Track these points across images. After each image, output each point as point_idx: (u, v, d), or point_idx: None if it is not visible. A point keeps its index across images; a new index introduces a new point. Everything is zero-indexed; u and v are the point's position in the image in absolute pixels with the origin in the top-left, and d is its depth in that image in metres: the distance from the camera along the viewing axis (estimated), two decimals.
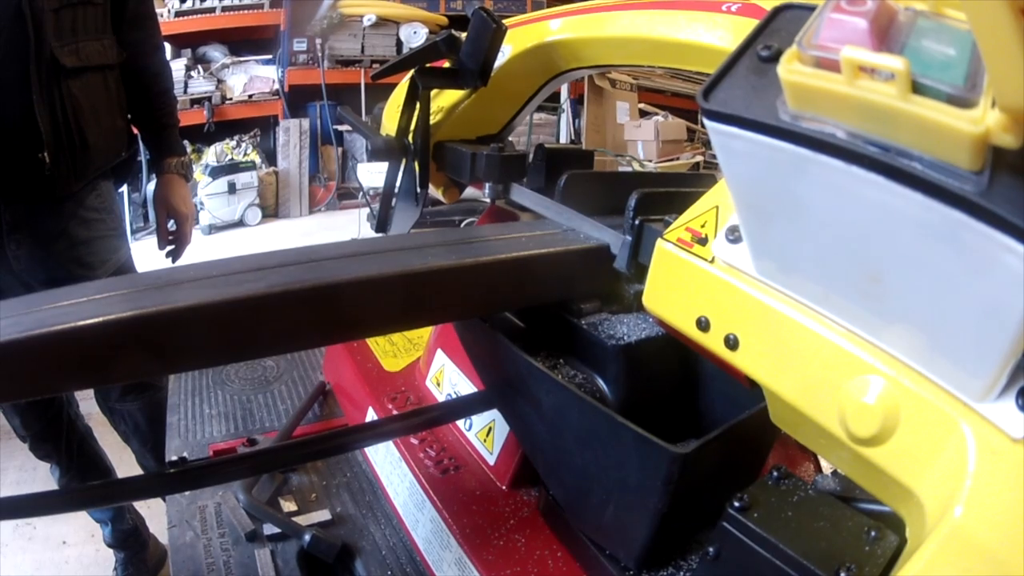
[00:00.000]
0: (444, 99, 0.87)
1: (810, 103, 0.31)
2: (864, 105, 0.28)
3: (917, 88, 0.27)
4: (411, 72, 0.79)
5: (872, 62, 0.27)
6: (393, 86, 0.96)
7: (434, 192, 0.90)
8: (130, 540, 1.52)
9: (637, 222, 0.56)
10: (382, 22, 4.25)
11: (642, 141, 3.95)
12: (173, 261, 1.43)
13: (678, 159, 3.85)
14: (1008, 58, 0.23)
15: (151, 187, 1.92)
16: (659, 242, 0.47)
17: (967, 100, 0.26)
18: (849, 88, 0.28)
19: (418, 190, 0.83)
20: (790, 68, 0.30)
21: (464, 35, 0.78)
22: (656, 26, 0.71)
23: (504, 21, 0.78)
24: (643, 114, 4.35)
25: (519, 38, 0.86)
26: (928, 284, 0.31)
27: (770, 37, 0.37)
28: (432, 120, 0.84)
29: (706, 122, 0.35)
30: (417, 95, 0.80)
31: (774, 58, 0.32)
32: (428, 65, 0.79)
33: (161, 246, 1.42)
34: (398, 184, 0.86)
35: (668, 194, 0.58)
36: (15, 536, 1.71)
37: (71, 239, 1.22)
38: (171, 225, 1.40)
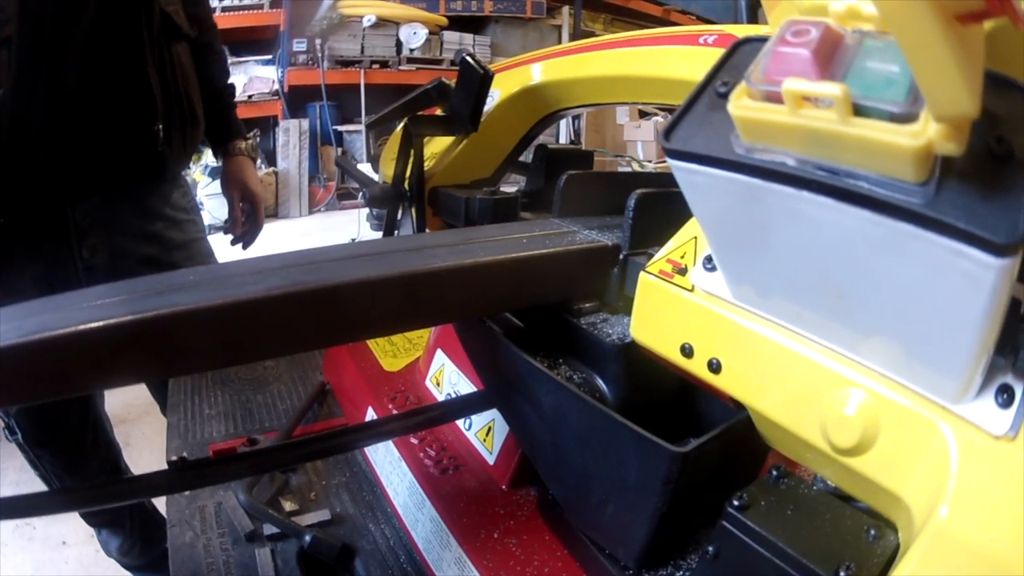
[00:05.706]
0: (437, 145, 0.89)
1: (760, 135, 0.32)
2: (808, 133, 0.29)
3: (860, 110, 0.27)
4: (404, 119, 0.81)
5: (812, 91, 0.28)
6: (392, 87, 0.98)
7: None
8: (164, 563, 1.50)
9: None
10: (382, 22, 4.25)
11: (642, 141, 3.96)
12: (244, 248, 1.34)
13: None
14: (934, 66, 0.23)
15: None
16: (642, 275, 0.49)
17: (909, 115, 0.26)
18: (793, 118, 0.29)
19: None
20: (739, 104, 0.31)
21: (454, 82, 0.80)
22: (638, 64, 0.72)
23: (491, 67, 0.80)
24: (643, 114, 4.35)
25: (507, 82, 0.88)
26: (889, 295, 0.32)
27: (728, 73, 0.38)
28: (427, 166, 0.86)
29: (668, 160, 0.37)
30: (411, 143, 0.81)
31: (729, 94, 0.32)
32: (420, 113, 0.81)
33: (235, 231, 1.33)
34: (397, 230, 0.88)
35: (667, 194, 0.58)
36: (15, 536, 1.71)
37: (163, 242, 1.13)
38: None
